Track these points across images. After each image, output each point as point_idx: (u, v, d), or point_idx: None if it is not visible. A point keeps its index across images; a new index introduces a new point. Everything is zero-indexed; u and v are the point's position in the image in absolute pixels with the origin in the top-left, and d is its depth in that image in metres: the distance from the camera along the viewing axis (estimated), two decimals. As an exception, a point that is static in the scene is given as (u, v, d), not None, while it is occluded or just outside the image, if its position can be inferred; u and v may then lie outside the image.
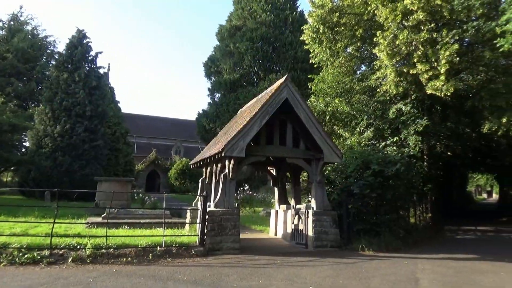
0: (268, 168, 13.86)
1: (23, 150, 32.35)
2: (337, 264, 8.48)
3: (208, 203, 10.49)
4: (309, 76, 21.66)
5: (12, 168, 28.66)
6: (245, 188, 23.78)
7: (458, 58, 13.14)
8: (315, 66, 20.42)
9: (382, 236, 11.07)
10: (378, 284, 6.75)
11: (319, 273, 7.53)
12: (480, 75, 14.71)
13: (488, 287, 6.82)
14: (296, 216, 11.28)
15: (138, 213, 13.80)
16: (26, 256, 7.52)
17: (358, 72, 20.24)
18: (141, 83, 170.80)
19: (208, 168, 12.96)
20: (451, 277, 7.44)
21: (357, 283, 6.79)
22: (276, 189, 13.74)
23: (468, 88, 14.99)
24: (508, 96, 13.67)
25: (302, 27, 18.36)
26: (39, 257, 7.59)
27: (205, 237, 9.29)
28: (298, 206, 11.73)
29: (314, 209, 10.59)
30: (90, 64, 27.49)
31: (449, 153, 19.38)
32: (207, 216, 9.41)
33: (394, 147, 15.36)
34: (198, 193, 12.33)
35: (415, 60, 13.92)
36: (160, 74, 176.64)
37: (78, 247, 8.18)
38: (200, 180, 13.58)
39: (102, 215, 12.87)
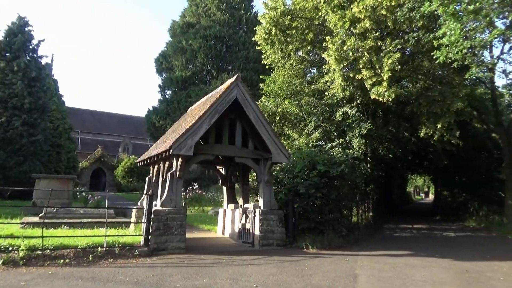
0: (217, 167, 13.83)
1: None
2: (281, 262, 8.67)
3: (154, 202, 10.29)
4: (260, 77, 21.93)
5: None
6: (195, 187, 23.53)
7: (399, 66, 13.96)
8: (267, 67, 20.73)
9: (326, 234, 11.50)
10: (319, 281, 7.00)
11: (263, 271, 7.65)
12: (419, 83, 15.75)
13: (418, 280, 7.32)
14: (244, 215, 11.38)
15: (79, 212, 13.19)
16: (-51, 258, 6.94)
17: (308, 75, 20.82)
18: (89, 77, 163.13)
19: (156, 167, 12.69)
20: (386, 273, 7.89)
21: (299, 280, 6.99)
22: (224, 188, 13.76)
23: (408, 95, 15.97)
24: (443, 103, 14.73)
25: (255, 28, 18.53)
26: (-36, 260, 7.02)
27: (149, 236, 9.09)
28: (246, 205, 11.83)
29: (262, 208, 10.74)
30: (31, 54, 25.73)
31: (390, 156, 20.48)
32: (152, 215, 9.21)
33: (340, 149, 15.96)
34: (144, 192, 12.02)
35: (361, 66, 14.58)
36: (109, 69, 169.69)
37: (11, 248, 7.65)
38: (146, 179, 13.26)
39: (40, 215, 12.16)
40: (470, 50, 13.69)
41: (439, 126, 15.02)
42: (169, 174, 9.91)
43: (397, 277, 7.55)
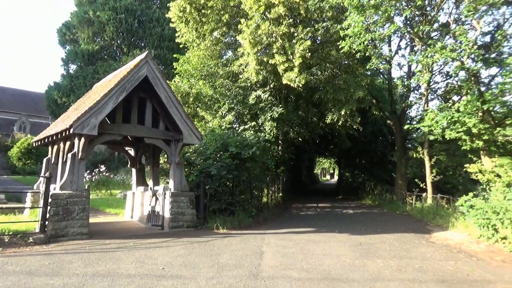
0: (126, 148, 13.18)
1: None
2: (190, 243, 8.66)
3: (53, 186, 9.50)
4: (175, 56, 21.26)
5: None
6: (102, 170, 22.20)
7: (310, 54, 14.60)
8: (181, 46, 20.13)
9: (236, 215, 11.78)
10: (227, 260, 7.15)
11: (171, 253, 7.57)
12: (327, 71, 16.67)
13: (318, 254, 7.90)
14: (154, 197, 11.08)
15: (-39, 198, 11.63)
16: None
17: (223, 57, 20.70)
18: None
19: (55, 147, 11.64)
20: (290, 249, 8.37)
21: (207, 260, 7.06)
22: (134, 170, 13.21)
23: (317, 82, 16.83)
24: (347, 91, 15.83)
25: (169, 4, 17.78)
26: None
27: (47, 222, 8.37)
28: (155, 188, 11.53)
29: (172, 190, 10.56)
30: None
31: (300, 139, 21.56)
32: (50, 200, 8.47)
33: (252, 131, 16.30)
34: (41, 174, 10.99)
35: (274, 51, 14.93)
36: (2, 37, 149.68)
37: None
38: (44, 160, 12.12)
39: None
40: (371, 42, 14.86)
41: (343, 112, 16.17)
42: (70, 155, 9.17)
43: (300, 252, 8.05)
